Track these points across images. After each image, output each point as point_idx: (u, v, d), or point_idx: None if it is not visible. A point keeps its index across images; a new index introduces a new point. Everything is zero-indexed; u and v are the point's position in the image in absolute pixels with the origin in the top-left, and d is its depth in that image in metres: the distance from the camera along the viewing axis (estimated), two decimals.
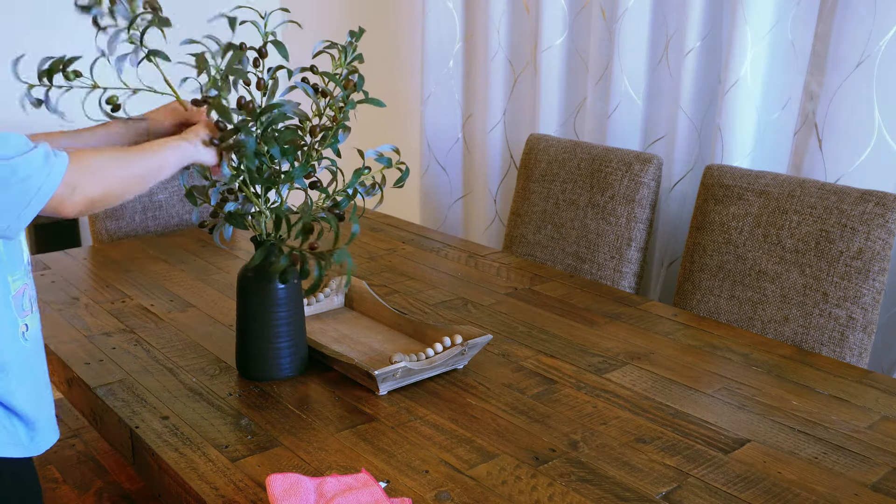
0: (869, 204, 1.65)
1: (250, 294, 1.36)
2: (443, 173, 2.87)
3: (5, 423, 1.09)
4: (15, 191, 0.97)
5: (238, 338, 1.40)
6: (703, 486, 1.10)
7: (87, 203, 1.06)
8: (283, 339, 1.37)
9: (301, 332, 1.40)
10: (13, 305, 1.09)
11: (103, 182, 1.08)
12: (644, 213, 2.07)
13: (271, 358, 1.38)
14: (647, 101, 2.25)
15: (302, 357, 1.41)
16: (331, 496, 1.00)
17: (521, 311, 1.73)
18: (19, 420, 1.11)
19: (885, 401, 1.35)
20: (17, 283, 1.10)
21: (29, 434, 1.12)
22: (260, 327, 1.36)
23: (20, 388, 1.10)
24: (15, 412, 1.10)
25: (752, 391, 1.38)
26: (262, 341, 1.37)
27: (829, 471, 1.14)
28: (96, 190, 1.06)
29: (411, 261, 2.05)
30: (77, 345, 1.53)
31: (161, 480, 1.18)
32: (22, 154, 0.98)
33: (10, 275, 1.08)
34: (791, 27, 1.91)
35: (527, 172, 2.33)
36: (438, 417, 1.27)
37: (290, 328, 1.38)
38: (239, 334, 1.40)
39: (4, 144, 0.97)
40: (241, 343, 1.40)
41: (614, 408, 1.31)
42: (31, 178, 0.98)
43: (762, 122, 1.99)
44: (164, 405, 1.31)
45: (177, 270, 1.95)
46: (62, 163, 1.01)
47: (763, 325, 1.78)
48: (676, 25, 2.14)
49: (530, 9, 2.53)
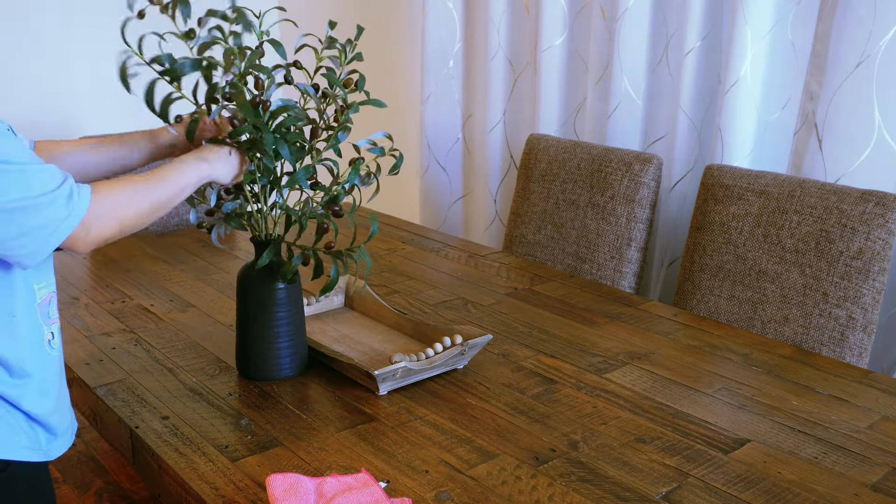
0: (869, 204, 1.65)
1: (250, 294, 1.36)
2: (443, 173, 2.87)
3: (26, 428, 1.08)
4: (34, 230, 0.97)
5: (238, 338, 1.40)
6: (703, 486, 1.10)
7: (101, 242, 1.06)
8: (283, 339, 1.37)
9: (301, 332, 1.40)
10: (39, 313, 1.08)
11: (120, 221, 1.07)
12: (644, 213, 2.07)
13: (271, 358, 1.38)
14: (647, 101, 2.25)
15: (302, 357, 1.41)
16: (331, 496, 1.00)
17: (521, 311, 1.73)
18: (39, 426, 1.10)
19: (885, 401, 1.35)
20: (43, 291, 1.09)
21: (48, 438, 1.11)
22: (260, 327, 1.36)
23: (43, 396, 1.09)
24: (36, 419, 1.09)
25: (752, 391, 1.38)
26: (261, 341, 1.37)
27: (829, 471, 1.14)
28: (112, 230, 1.06)
29: (411, 261, 2.05)
30: (77, 345, 1.53)
31: (161, 480, 1.18)
32: (46, 193, 0.97)
33: (37, 283, 1.08)
34: (791, 27, 1.91)
35: (527, 172, 2.33)
36: (438, 417, 1.27)
37: (290, 328, 1.38)
38: (239, 334, 1.40)
39: (33, 182, 0.96)
40: (241, 343, 1.40)
41: (614, 408, 1.31)
42: (52, 218, 0.98)
43: (762, 122, 1.99)
44: (164, 405, 1.31)
45: (177, 270, 1.95)
46: (83, 203, 1.01)
47: (763, 325, 1.78)
48: (676, 25, 2.14)
49: (530, 9, 2.53)
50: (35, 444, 1.09)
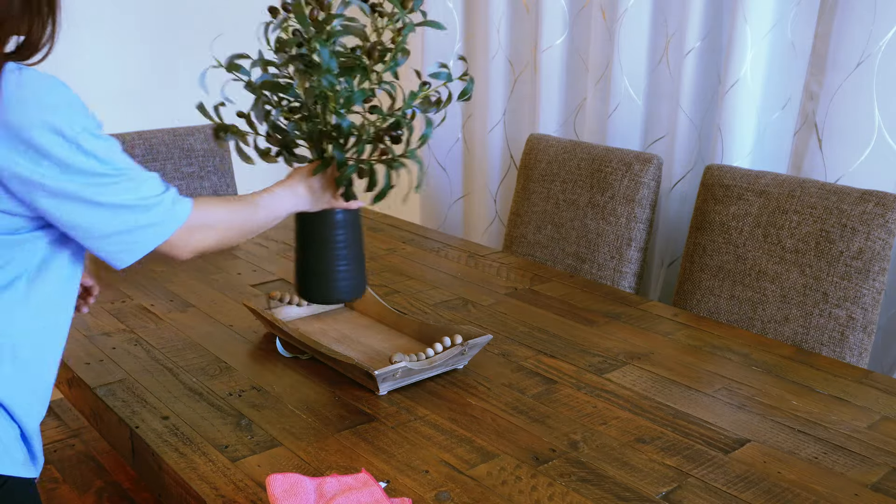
0: (869, 204, 1.65)
1: (309, 216, 1.34)
2: (443, 173, 2.87)
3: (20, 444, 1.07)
4: (139, 229, 1.03)
5: (297, 262, 1.39)
6: (703, 486, 1.10)
7: (199, 252, 1.12)
8: (342, 261, 1.36)
9: (360, 256, 1.39)
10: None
11: (219, 234, 1.14)
12: (644, 213, 2.07)
13: (331, 280, 1.36)
14: (647, 101, 2.25)
15: (360, 280, 1.40)
16: (331, 496, 1.00)
17: (521, 311, 1.73)
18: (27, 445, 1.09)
19: (885, 401, 1.35)
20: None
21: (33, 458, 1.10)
22: (319, 249, 1.35)
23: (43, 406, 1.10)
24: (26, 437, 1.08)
25: (752, 391, 1.38)
26: (321, 263, 1.35)
27: (829, 471, 1.14)
28: (209, 241, 1.13)
29: (411, 261, 2.05)
30: (77, 345, 1.53)
31: (161, 480, 1.18)
32: (154, 196, 1.04)
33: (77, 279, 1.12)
34: (791, 27, 1.91)
35: (527, 172, 2.33)
36: (438, 417, 1.27)
37: (350, 251, 1.36)
38: (298, 258, 1.38)
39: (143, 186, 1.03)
40: (300, 266, 1.38)
41: (614, 408, 1.31)
42: (157, 220, 1.04)
43: (762, 122, 1.99)
44: (164, 405, 1.31)
45: (177, 270, 1.95)
46: (185, 209, 1.07)
47: (763, 325, 1.78)
48: (676, 25, 2.14)
49: (530, 9, 2.53)
50: (27, 461, 1.08)
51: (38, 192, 0.96)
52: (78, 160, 0.96)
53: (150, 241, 1.04)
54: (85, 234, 1.01)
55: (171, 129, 2.51)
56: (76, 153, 0.96)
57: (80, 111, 0.97)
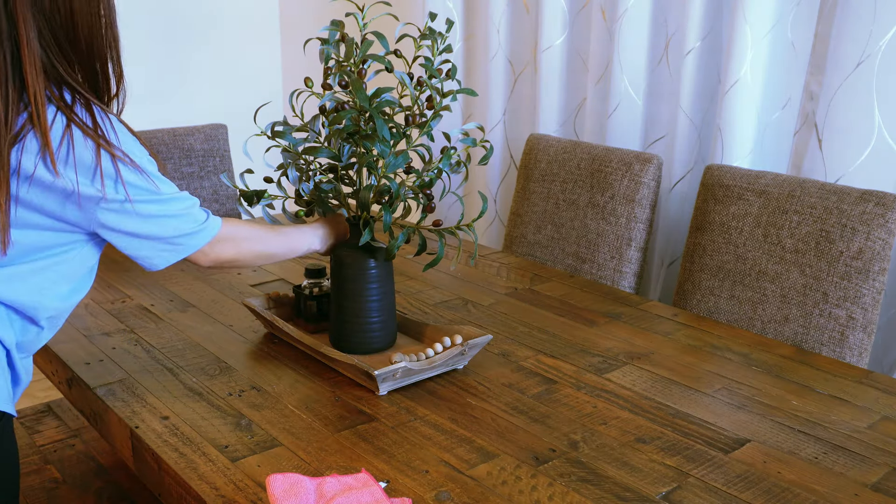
0: (869, 204, 1.65)
1: (345, 271, 1.42)
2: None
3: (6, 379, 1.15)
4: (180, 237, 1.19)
5: (333, 313, 1.46)
6: (703, 486, 1.10)
7: (219, 264, 1.27)
8: (375, 314, 1.43)
9: (391, 307, 1.46)
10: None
11: (240, 252, 1.29)
12: (644, 213, 2.07)
13: (363, 332, 1.44)
14: (647, 101, 2.25)
15: (392, 330, 1.47)
16: (331, 496, 1.00)
17: (521, 311, 1.73)
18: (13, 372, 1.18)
19: (885, 401, 1.35)
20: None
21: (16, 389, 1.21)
22: (353, 303, 1.42)
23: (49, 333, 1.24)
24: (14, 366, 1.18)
25: (752, 391, 1.38)
26: (355, 316, 1.43)
27: (829, 471, 1.14)
28: (229, 255, 1.28)
29: (411, 261, 2.06)
30: (77, 345, 1.53)
31: (161, 480, 1.18)
32: (193, 207, 1.20)
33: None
34: (791, 27, 1.91)
35: (527, 172, 2.33)
36: (438, 417, 1.27)
37: (383, 303, 1.44)
38: (334, 310, 1.46)
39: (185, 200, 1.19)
40: (336, 318, 1.45)
41: (614, 408, 1.31)
42: (194, 229, 1.20)
43: (762, 122, 1.99)
44: (164, 405, 1.31)
45: (177, 270, 1.95)
46: (217, 224, 1.24)
47: (763, 325, 1.78)
48: (676, 25, 2.14)
49: (530, 9, 2.53)
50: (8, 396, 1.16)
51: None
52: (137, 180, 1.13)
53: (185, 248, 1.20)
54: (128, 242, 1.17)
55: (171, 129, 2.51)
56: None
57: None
